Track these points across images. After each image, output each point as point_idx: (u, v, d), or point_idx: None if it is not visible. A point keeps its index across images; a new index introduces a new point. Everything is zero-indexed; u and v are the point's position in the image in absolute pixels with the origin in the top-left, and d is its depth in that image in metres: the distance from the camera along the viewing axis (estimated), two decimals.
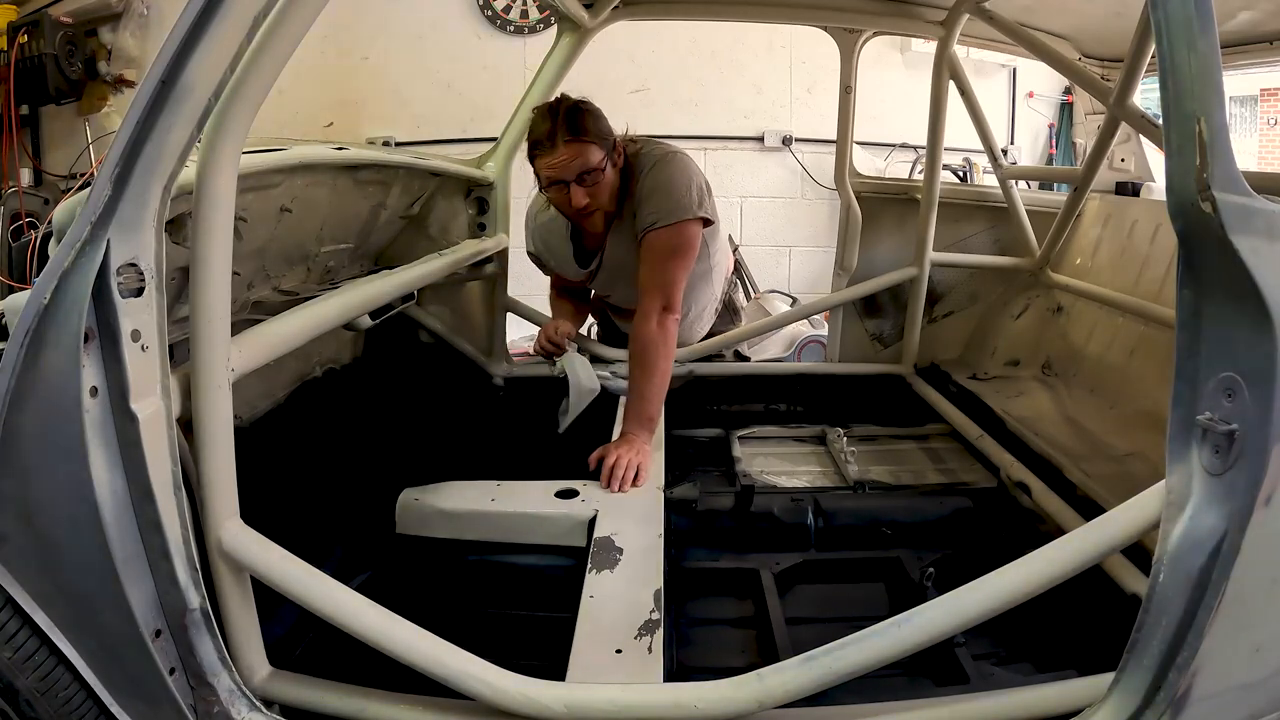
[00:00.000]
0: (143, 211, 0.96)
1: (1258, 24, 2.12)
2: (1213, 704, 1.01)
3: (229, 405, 1.09)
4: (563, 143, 1.90)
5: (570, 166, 1.92)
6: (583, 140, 1.91)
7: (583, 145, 1.91)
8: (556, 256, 2.32)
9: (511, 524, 1.75)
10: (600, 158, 1.94)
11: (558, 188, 1.96)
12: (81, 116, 4.56)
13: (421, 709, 1.14)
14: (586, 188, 1.95)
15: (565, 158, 1.91)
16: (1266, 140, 8.53)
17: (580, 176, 1.93)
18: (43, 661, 1.02)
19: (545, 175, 1.96)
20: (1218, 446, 0.93)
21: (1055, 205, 2.62)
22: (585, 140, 1.91)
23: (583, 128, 1.91)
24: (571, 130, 1.90)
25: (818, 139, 4.90)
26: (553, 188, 1.97)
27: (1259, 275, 0.88)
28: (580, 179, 1.93)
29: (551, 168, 1.93)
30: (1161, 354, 2.03)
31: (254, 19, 0.93)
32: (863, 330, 2.89)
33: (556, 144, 1.90)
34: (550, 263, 2.37)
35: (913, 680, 1.40)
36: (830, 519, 1.90)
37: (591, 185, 1.95)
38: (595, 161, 1.93)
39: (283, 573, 1.12)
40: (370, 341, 2.31)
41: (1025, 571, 1.09)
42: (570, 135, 1.90)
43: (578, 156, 1.91)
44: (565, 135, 1.89)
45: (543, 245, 2.34)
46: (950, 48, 2.51)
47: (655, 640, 1.26)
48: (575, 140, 1.90)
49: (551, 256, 2.33)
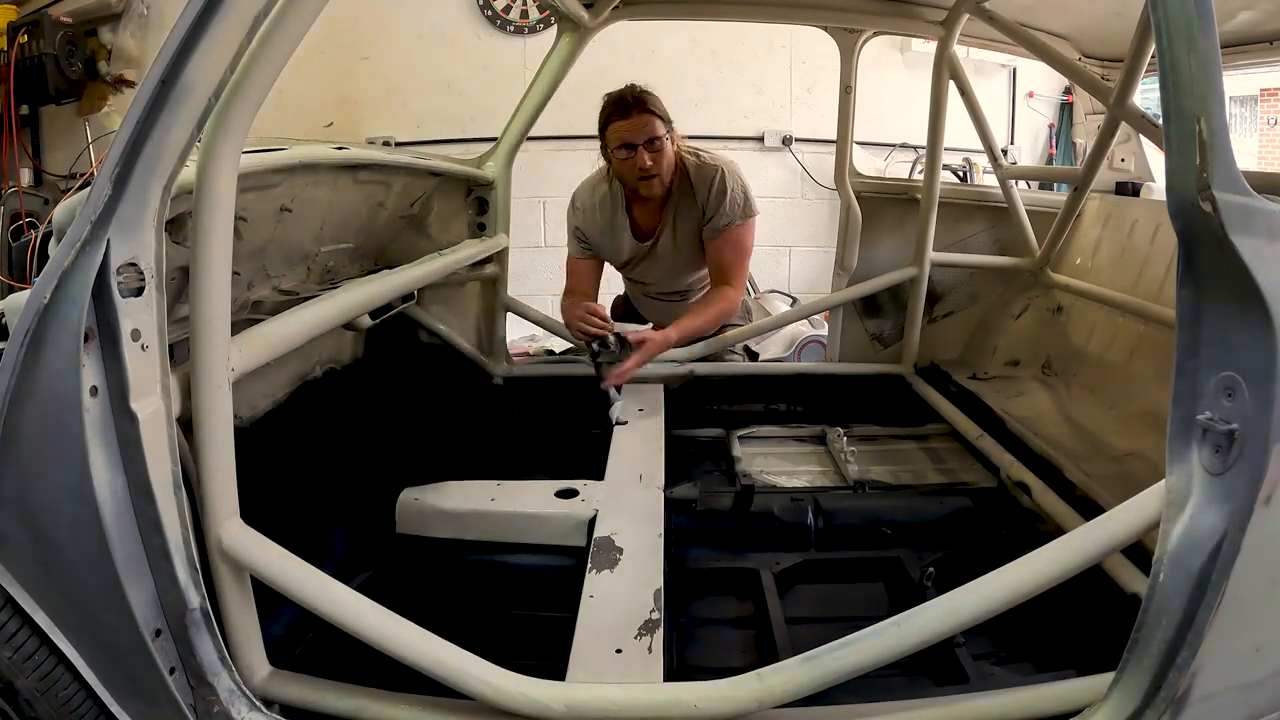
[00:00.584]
0: (143, 211, 0.96)
1: (1258, 24, 2.12)
2: (1213, 704, 1.01)
3: (229, 405, 1.09)
4: (635, 112, 2.30)
5: (640, 131, 2.30)
6: (650, 113, 2.32)
7: (650, 117, 2.32)
8: (610, 232, 2.56)
9: (511, 524, 1.75)
10: (664, 131, 2.33)
11: (627, 150, 2.32)
12: (81, 116, 4.56)
13: (421, 709, 1.15)
14: (651, 153, 2.31)
15: (637, 124, 2.30)
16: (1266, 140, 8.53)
17: (648, 141, 2.30)
18: (43, 661, 1.02)
19: (618, 138, 2.32)
20: (1218, 446, 0.93)
21: (1055, 205, 2.62)
22: (653, 113, 2.32)
23: (651, 105, 2.33)
24: (640, 105, 2.32)
25: (818, 139, 4.90)
26: (622, 149, 2.33)
27: (1259, 275, 0.88)
28: (648, 143, 2.30)
29: (625, 131, 2.31)
30: (1161, 354, 2.03)
31: (254, 19, 0.94)
32: (863, 330, 2.89)
33: (630, 113, 2.30)
34: (600, 239, 2.58)
35: (913, 680, 1.41)
36: (830, 519, 1.90)
37: (655, 152, 2.32)
38: (660, 132, 2.32)
39: (283, 573, 1.12)
40: (370, 341, 2.31)
41: (1025, 571, 1.09)
42: (640, 108, 2.31)
43: (647, 125, 2.30)
44: (637, 107, 2.31)
45: (594, 221, 2.56)
46: (950, 48, 2.50)
47: (655, 640, 1.26)
48: (644, 111, 2.31)
49: (603, 233, 2.57)
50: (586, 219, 2.56)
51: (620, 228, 2.54)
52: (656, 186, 2.38)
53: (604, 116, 2.36)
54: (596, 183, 2.57)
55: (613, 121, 2.33)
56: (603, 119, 2.36)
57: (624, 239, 2.56)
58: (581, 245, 2.60)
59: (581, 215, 2.57)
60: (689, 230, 2.49)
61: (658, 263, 2.60)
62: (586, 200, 2.57)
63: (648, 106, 2.31)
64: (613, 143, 2.34)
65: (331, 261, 1.91)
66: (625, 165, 2.34)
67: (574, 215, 2.59)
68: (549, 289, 4.95)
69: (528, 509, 1.75)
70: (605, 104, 2.37)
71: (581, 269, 2.62)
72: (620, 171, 2.40)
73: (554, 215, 4.90)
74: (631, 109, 2.30)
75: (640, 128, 2.30)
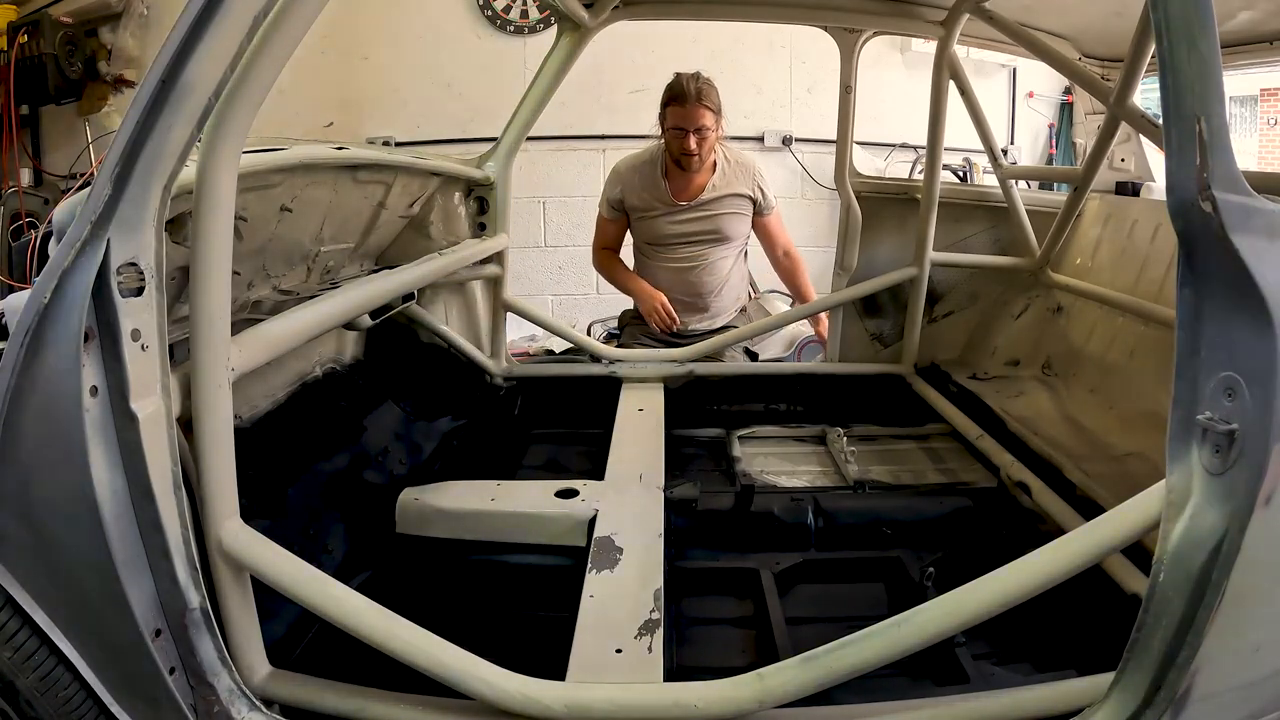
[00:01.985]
0: (143, 211, 0.96)
1: (1258, 24, 2.12)
2: (1213, 704, 1.01)
3: (229, 405, 1.09)
4: (691, 103, 2.76)
5: (692, 119, 2.77)
6: (707, 107, 2.78)
7: (706, 110, 2.79)
8: (650, 188, 2.98)
9: (511, 524, 1.75)
10: (714, 123, 2.82)
11: (678, 130, 2.80)
12: (81, 116, 4.56)
13: (421, 709, 1.14)
14: (697, 139, 2.79)
15: (691, 114, 2.77)
16: (1266, 140, 8.54)
17: (696, 129, 2.78)
18: (43, 661, 1.02)
19: (673, 119, 2.81)
20: (1218, 446, 0.93)
21: (1055, 205, 2.62)
22: (709, 108, 2.79)
23: (711, 100, 2.79)
24: (701, 98, 2.77)
25: (818, 139, 4.89)
26: (674, 130, 2.82)
27: (1259, 275, 0.88)
28: (696, 130, 2.78)
29: (679, 117, 2.79)
30: (1161, 354, 2.03)
31: (254, 19, 0.94)
32: (863, 330, 2.89)
33: (686, 102, 2.77)
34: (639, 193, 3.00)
35: (913, 680, 1.40)
36: (830, 519, 1.90)
37: (700, 139, 2.80)
38: (709, 123, 2.79)
39: (283, 572, 1.12)
40: (370, 341, 2.31)
41: (1025, 571, 1.09)
42: (699, 101, 2.77)
43: (702, 118, 2.78)
44: (698, 100, 2.76)
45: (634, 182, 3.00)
46: (950, 48, 2.50)
47: (655, 640, 1.26)
48: (702, 105, 2.77)
49: (643, 188, 2.99)
50: (627, 181, 3.01)
51: (659, 192, 2.98)
52: (695, 164, 2.86)
53: (667, 95, 2.84)
54: (638, 157, 3.03)
55: (672, 105, 2.81)
56: (666, 97, 2.85)
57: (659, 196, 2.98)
58: (614, 210, 3.07)
59: (623, 179, 3.02)
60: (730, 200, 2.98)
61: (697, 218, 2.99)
62: (630, 164, 3.03)
63: (703, 101, 2.76)
64: (669, 120, 2.83)
65: (331, 261, 1.91)
66: (674, 140, 2.82)
67: (614, 181, 3.05)
68: (549, 289, 4.96)
69: (528, 509, 1.75)
70: (672, 85, 2.82)
71: (612, 230, 3.16)
72: (668, 141, 2.88)
73: (554, 215, 4.90)
74: (689, 100, 2.74)
75: (693, 116, 2.77)
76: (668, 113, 2.83)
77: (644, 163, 3.00)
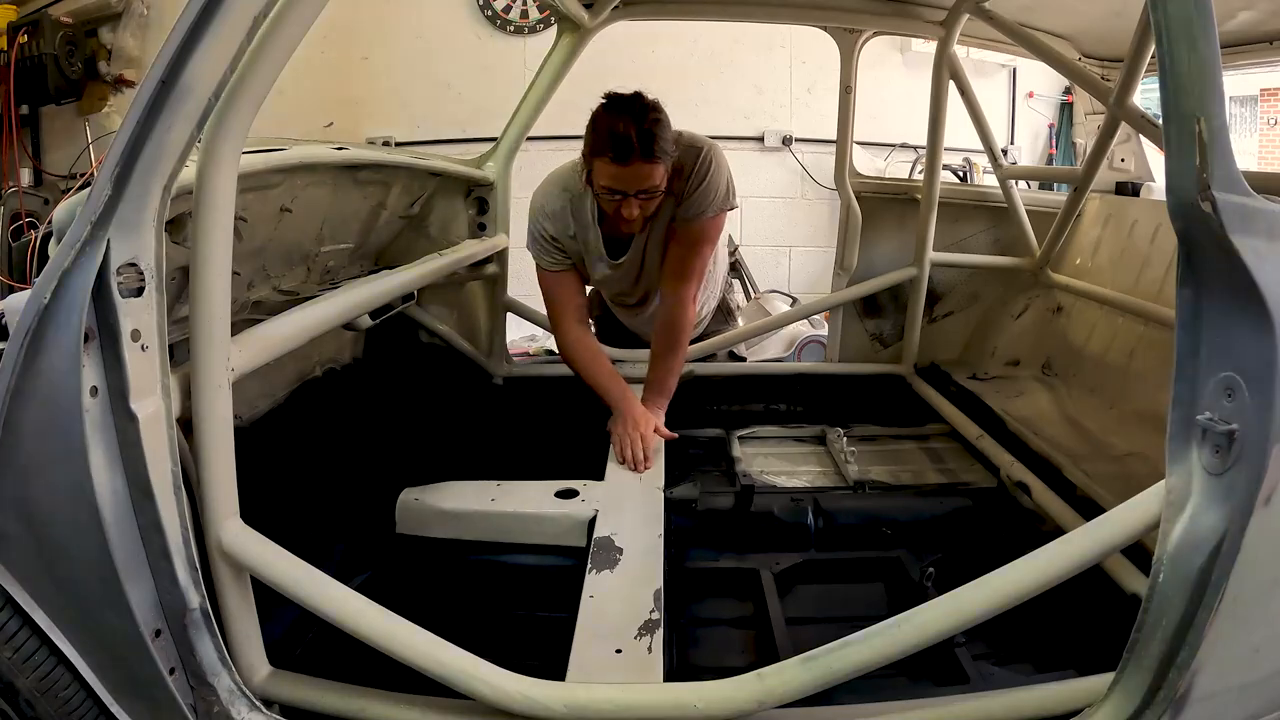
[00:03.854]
0: (143, 211, 0.96)
1: (1258, 24, 2.12)
2: (1213, 704, 1.01)
3: (229, 405, 1.09)
4: (639, 161, 1.81)
5: (635, 181, 1.84)
6: (655, 162, 1.82)
7: (654, 167, 1.83)
8: (586, 246, 2.15)
9: (511, 524, 1.75)
10: (663, 176, 1.88)
11: (613, 194, 1.87)
12: (81, 116, 4.56)
13: (421, 709, 1.15)
14: (642, 202, 1.88)
15: (634, 177, 1.83)
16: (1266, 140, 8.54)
17: (642, 191, 1.86)
18: (43, 661, 1.02)
19: (606, 178, 1.85)
20: (1218, 446, 0.93)
21: (1055, 205, 2.62)
22: (658, 162, 1.83)
23: (659, 149, 1.82)
24: (646, 153, 1.80)
25: (818, 139, 4.90)
26: (606, 192, 1.88)
27: (1259, 275, 0.88)
28: (642, 193, 1.87)
29: (615, 178, 1.84)
30: (1161, 354, 2.03)
31: (254, 19, 0.93)
32: (863, 330, 2.89)
33: (630, 161, 1.80)
34: (575, 250, 2.16)
35: (913, 680, 1.40)
36: (830, 519, 1.90)
37: (646, 200, 1.89)
38: (659, 181, 1.87)
39: (283, 573, 1.12)
40: (370, 341, 2.31)
41: (1025, 571, 1.09)
42: (645, 158, 1.80)
43: (647, 179, 1.84)
44: (641, 156, 1.80)
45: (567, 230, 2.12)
46: (950, 48, 2.50)
47: (655, 640, 1.26)
48: (649, 162, 1.81)
49: (579, 245, 2.15)
50: (558, 227, 2.12)
51: (593, 243, 2.13)
52: (636, 227, 1.98)
53: (594, 143, 1.85)
54: (564, 186, 2.11)
55: (603, 159, 1.82)
56: (591, 144, 1.86)
57: (597, 257, 2.16)
58: (560, 255, 2.14)
59: (552, 223, 2.11)
60: (663, 227, 2.11)
61: (635, 268, 2.21)
62: (555, 205, 2.11)
63: (654, 154, 1.80)
64: (598, 178, 1.87)
65: (331, 261, 1.91)
66: (607, 202, 1.92)
67: (544, 222, 2.12)
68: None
69: (528, 509, 1.75)
70: (600, 129, 1.83)
71: (566, 284, 2.18)
72: (599, 200, 1.96)
73: None
74: (631, 157, 1.79)
75: (636, 178, 1.83)
76: (597, 166, 1.85)
77: (574, 197, 2.08)
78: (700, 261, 2.12)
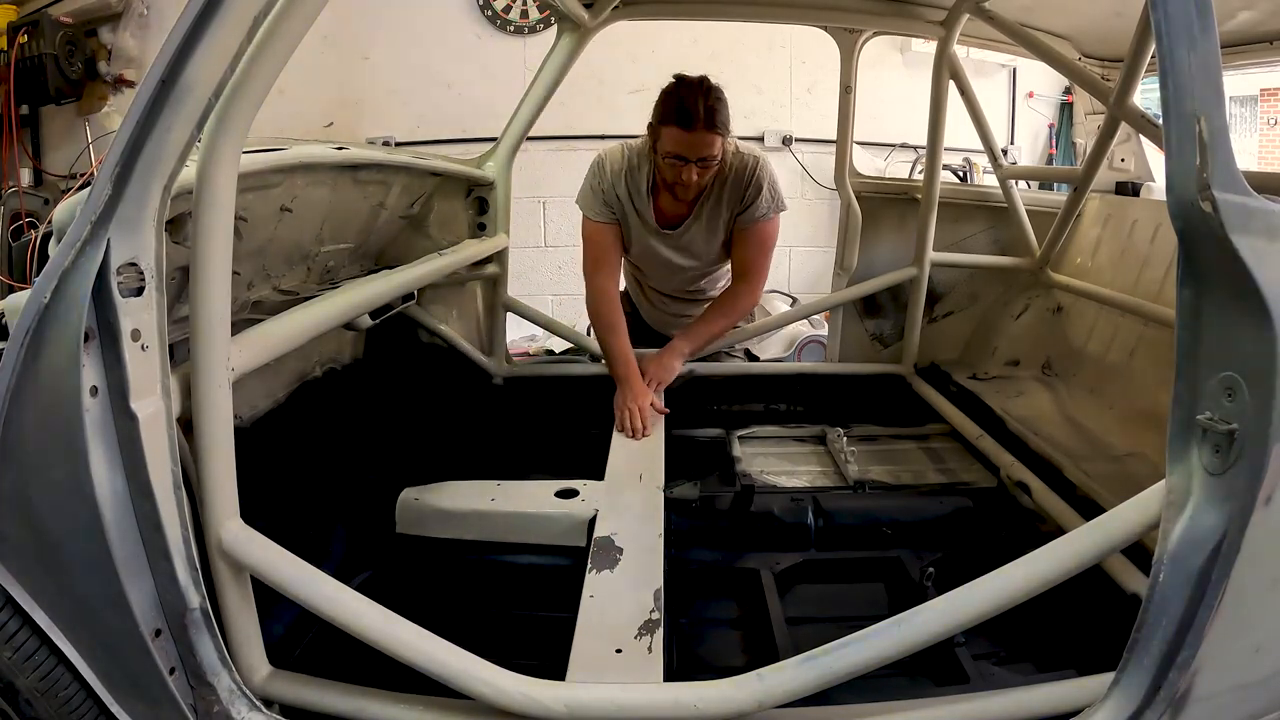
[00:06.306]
0: (143, 211, 0.96)
1: (1258, 24, 2.12)
2: (1213, 704, 1.01)
3: (229, 405, 1.09)
4: (703, 130, 2.05)
5: (698, 148, 2.07)
6: (716, 133, 2.07)
7: (715, 137, 2.07)
8: (635, 213, 2.35)
9: (511, 524, 1.75)
10: (721, 149, 2.13)
11: (676, 159, 2.10)
12: (81, 116, 4.56)
13: (421, 709, 1.14)
14: (701, 170, 2.12)
15: (698, 143, 2.07)
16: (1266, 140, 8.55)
17: (703, 159, 2.10)
18: (43, 661, 1.02)
19: (671, 145, 2.09)
20: (1218, 446, 0.93)
21: (1055, 205, 2.62)
22: (718, 134, 2.08)
23: (720, 122, 2.07)
24: (710, 124, 2.05)
25: (818, 139, 4.90)
26: (671, 159, 2.11)
27: (1259, 275, 0.88)
28: (701, 161, 2.10)
29: (680, 144, 2.07)
30: (1161, 354, 2.03)
31: (254, 19, 0.93)
32: (863, 330, 2.89)
33: (697, 129, 2.04)
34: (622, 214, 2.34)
35: (913, 680, 1.41)
36: (830, 519, 1.90)
37: (705, 169, 2.13)
38: (717, 151, 2.12)
39: (283, 573, 1.12)
40: (370, 341, 2.31)
41: (1025, 571, 1.09)
42: (708, 127, 2.05)
43: (708, 148, 2.08)
44: (705, 125, 2.04)
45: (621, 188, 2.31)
46: (950, 48, 2.50)
47: (655, 640, 1.26)
48: (713, 132, 2.06)
49: (629, 210, 2.34)
50: (615, 183, 2.30)
51: (644, 211, 2.33)
52: (692, 193, 2.23)
53: (663, 112, 2.09)
54: (630, 155, 2.31)
55: (671, 126, 2.06)
56: (661, 114, 2.10)
57: (643, 224, 2.35)
58: (608, 209, 2.32)
59: (611, 179, 2.30)
60: (717, 225, 2.34)
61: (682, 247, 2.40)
62: (617, 166, 2.30)
63: (715, 125, 2.05)
64: (664, 145, 2.10)
65: (331, 261, 1.91)
66: (669, 168, 2.14)
67: (602, 177, 2.31)
68: (549, 289, 4.96)
69: (528, 509, 1.75)
70: (670, 100, 2.08)
71: (608, 235, 2.34)
72: (661, 167, 2.18)
73: (554, 215, 4.90)
74: (696, 124, 2.03)
75: (699, 145, 2.06)
76: (664, 134, 2.09)
77: (633, 167, 2.30)
78: (766, 260, 2.41)
